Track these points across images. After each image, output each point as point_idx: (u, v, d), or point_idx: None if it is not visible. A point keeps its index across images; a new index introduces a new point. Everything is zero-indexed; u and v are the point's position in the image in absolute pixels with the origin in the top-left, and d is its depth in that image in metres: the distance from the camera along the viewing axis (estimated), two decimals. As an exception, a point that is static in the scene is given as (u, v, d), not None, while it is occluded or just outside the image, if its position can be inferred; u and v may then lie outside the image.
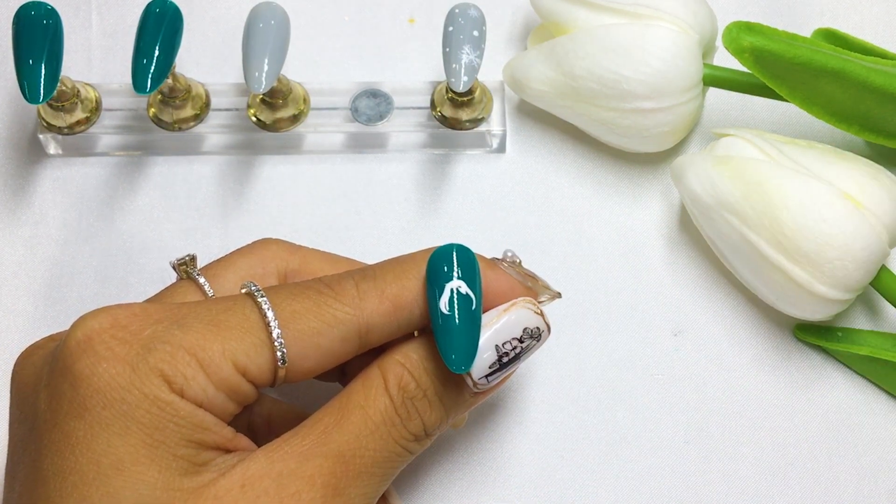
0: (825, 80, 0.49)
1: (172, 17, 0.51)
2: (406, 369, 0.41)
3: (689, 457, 0.50)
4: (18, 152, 0.56)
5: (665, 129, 0.52)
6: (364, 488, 0.39)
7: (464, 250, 0.41)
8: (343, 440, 0.39)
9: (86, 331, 0.38)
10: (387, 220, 0.55)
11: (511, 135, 0.56)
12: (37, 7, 0.50)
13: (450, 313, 0.39)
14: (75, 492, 0.36)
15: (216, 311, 0.39)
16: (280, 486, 0.38)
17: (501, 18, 0.59)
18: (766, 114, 0.56)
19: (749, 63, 0.49)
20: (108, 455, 0.36)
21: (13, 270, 0.54)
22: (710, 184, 0.49)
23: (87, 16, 0.59)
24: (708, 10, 0.52)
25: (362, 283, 0.40)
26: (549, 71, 0.52)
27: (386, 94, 0.55)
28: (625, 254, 0.54)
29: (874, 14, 0.59)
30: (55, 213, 0.55)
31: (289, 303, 0.39)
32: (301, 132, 0.55)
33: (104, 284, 0.53)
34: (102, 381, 0.37)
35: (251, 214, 0.55)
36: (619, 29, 0.51)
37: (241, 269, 0.44)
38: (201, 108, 0.55)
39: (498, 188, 0.55)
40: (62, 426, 0.37)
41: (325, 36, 0.59)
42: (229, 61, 0.58)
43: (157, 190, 0.55)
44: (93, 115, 0.55)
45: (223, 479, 0.37)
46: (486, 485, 0.49)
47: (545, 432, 0.50)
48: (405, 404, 0.40)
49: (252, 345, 0.38)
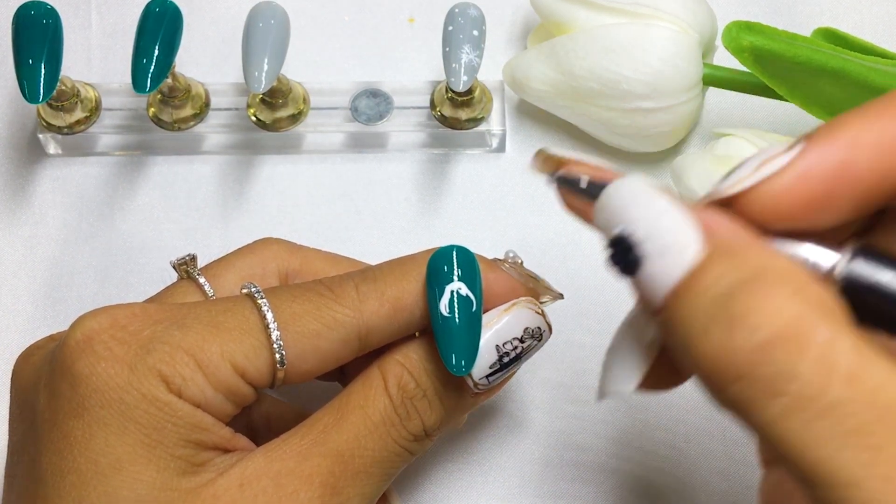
0: (825, 80, 0.49)
1: (172, 16, 0.51)
2: (406, 369, 0.41)
3: (689, 456, 0.50)
4: (18, 152, 0.56)
5: (665, 129, 0.52)
6: (363, 488, 0.39)
7: (464, 251, 0.41)
8: (342, 440, 0.39)
9: (85, 331, 0.38)
10: (387, 220, 0.55)
11: (511, 134, 0.56)
12: (37, 7, 0.50)
13: (450, 315, 0.39)
14: (73, 491, 0.36)
15: (215, 311, 0.39)
16: (278, 485, 0.38)
17: (501, 18, 0.59)
18: (766, 114, 0.56)
19: (749, 63, 0.49)
20: (107, 455, 0.36)
21: (13, 270, 0.54)
22: (710, 184, 0.49)
23: (87, 15, 0.59)
24: (708, 9, 0.52)
25: (362, 285, 0.40)
26: (549, 71, 0.52)
27: (386, 94, 0.55)
28: (625, 254, 0.54)
29: (874, 14, 0.59)
30: (55, 213, 0.55)
31: (288, 304, 0.39)
32: (301, 132, 0.55)
33: (104, 284, 0.53)
34: (101, 381, 0.37)
35: (251, 214, 0.55)
36: (619, 29, 0.51)
37: (241, 269, 0.44)
38: (201, 107, 0.55)
39: (498, 188, 0.55)
40: (61, 426, 0.37)
41: (325, 36, 0.59)
42: (229, 61, 0.58)
43: (157, 190, 0.55)
44: (93, 114, 0.55)
45: (221, 479, 0.37)
46: (486, 485, 0.49)
47: (545, 432, 0.50)
48: (405, 404, 0.40)
49: (251, 346, 0.38)
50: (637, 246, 0.28)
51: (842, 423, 0.25)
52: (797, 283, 0.27)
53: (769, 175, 0.28)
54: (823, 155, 0.28)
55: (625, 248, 0.28)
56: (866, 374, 0.25)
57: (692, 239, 0.28)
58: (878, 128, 0.28)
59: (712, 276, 0.27)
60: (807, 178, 0.28)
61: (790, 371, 0.26)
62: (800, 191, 0.28)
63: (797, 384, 0.25)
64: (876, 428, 0.25)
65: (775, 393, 0.26)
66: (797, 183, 0.28)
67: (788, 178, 0.28)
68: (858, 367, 0.25)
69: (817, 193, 0.28)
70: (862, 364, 0.26)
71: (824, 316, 0.26)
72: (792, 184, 0.28)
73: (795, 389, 0.26)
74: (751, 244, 0.28)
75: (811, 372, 0.25)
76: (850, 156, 0.28)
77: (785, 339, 0.26)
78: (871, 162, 0.28)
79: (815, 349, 0.26)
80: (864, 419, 0.25)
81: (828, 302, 0.27)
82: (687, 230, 0.28)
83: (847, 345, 0.26)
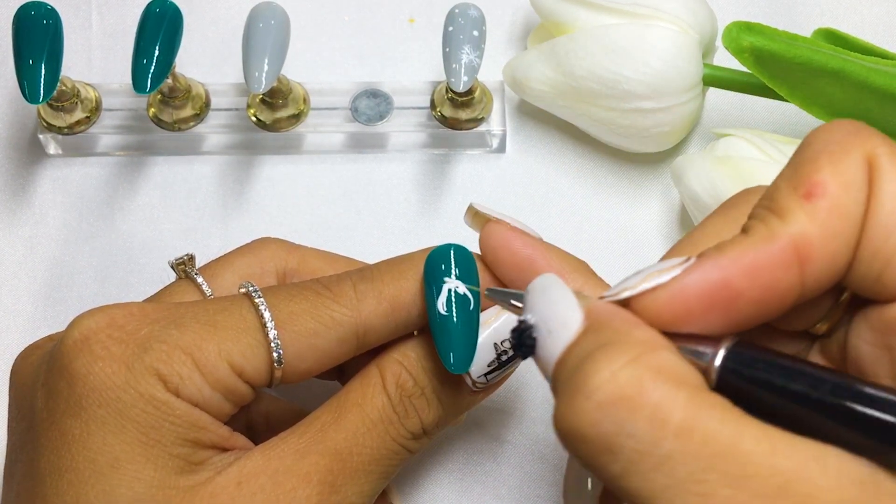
0: (825, 80, 0.49)
1: (172, 17, 0.51)
2: (404, 367, 0.41)
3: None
4: (18, 152, 0.56)
5: (665, 129, 0.52)
6: (361, 486, 0.39)
7: (461, 250, 0.41)
8: (340, 438, 0.39)
9: (83, 330, 0.38)
10: (387, 220, 0.55)
11: (511, 135, 0.56)
12: (37, 7, 0.50)
13: (448, 313, 0.39)
14: (71, 490, 0.36)
15: (213, 311, 0.39)
16: (276, 483, 0.38)
17: (501, 18, 0.59)
18: (766, 114, 0.56)
19: (749, 63, 0.49)
20: (104, 453, 0.36)
21: (13, 270, 0.54)
22: (710, 184, 0.49)
23: (87, 16, 0.59)
24: (708, 10, 0.52)
25: (360, 285, 0.40)
26: (549, 71, 0.52)
27: (386, 94, 0.55)
28: (625, 254, 0.54)
29: (874, 14, 0.59)
30: (55, 213, 0.55)
31: (286, 304, 0.39)
32: (301, 132, 0.55)
33: (104, 284, 0.53)
34: (98, 380, 0.37)
35: (251, 214, 0.55)
36: (619, 29, 0.50)
37: (239, 269, 0.44)
38: (201, 107, 0.55)
39: (498, 188, 0.55)
40: (59, 425, 0.37)
41: (325, 36, 0.59)
42: (229, 61, 0.58)
43: (157, 190, 0.55)
44: (93, 115, 0.55)
45: (219, 477, 0.37)
46: (486, 485, 0.49)
47: (545, 432, 0.50)
48: (403, 402, 0.40)
49: (248, 345, 0.38)
50: (531, 329, 0.31)
51: (674, 473, 0.27)
52: (638, 351, 0.29)
53: (652, 287, 0.31)
54: (702, 275, 0.30)
55: (522, 334, 0.32)
56: (698, 426, 0.28)
57: (574, 319, 0.31)
58: (751, 255, 0.30)
59: (576, 349, 0.30)
60: (683, 295, 0.31)
61: (626, 430, 0.28)
62: (679, 304, 0.31)
63: (632, 441, 0.28)
64: (706, 476, 0.27)
65: (614, 451, 0.28)
66: (674, 298, 0.31)
67: (668, 294, 0.31)
68: (691, 421, 0.28)
69: (694, 308, 0.31)
70: (695, 418, 0.28)
71: (662, 378, 0.28)
72: (671, 298, 0.31)
73: (631, 446, 0.28)
74: (620, 321, 0.30)
75: (643, 430, 0.28)
76: (726, 277, 0.30)
77: (619, 401, 0.28)
78: (745, 282, 0.30)
79: (647, 408, 0.28)
80: (694, 468, 0.27)
81: (673, 367, 0.29)
82: (571, 312, 0.31)
83: (681, 402, 0.28)
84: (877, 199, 0.30)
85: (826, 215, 0.30)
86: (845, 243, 0.30)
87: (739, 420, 0.28)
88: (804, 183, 0.30)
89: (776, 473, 0.27)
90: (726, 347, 0.30)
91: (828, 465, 0.27)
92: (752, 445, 0.27)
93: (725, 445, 0.27)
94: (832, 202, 0.30)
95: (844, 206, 0.30)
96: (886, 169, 0.30)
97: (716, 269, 0.30)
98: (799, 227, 0.30)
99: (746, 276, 0.30)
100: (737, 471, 0.27)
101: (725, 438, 0.28)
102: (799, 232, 0.30)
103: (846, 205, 0.30)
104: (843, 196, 0.30)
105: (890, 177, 0.30)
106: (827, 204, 0.30)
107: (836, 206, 0.30)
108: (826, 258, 0.30)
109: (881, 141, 0.31)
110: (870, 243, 0.30)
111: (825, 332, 0.34)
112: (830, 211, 0.30)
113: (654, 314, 0.31)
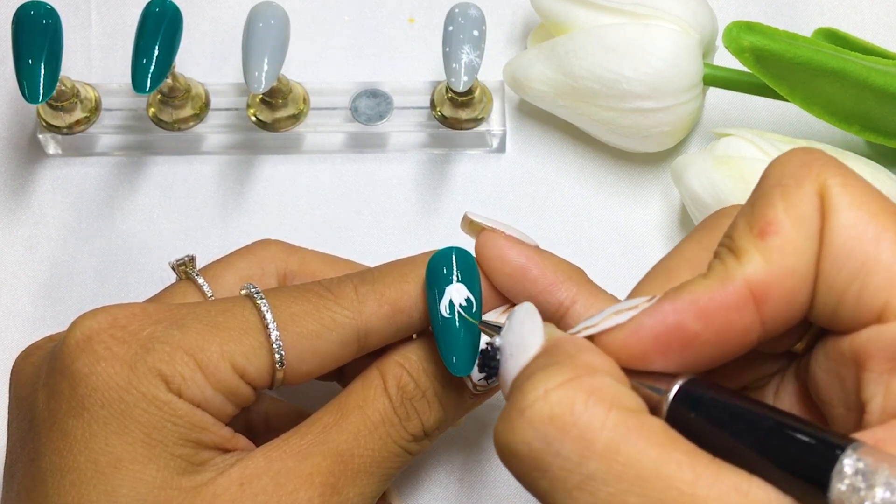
0: (825, 80, 0.49)
1: (172, 16, 0.51)
2: (405, 370, 0.41)
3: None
4: (18, 152, 0.56)
5: (665, 129, 0.52)
6: (362, 488, 0.39)
7: (463, 253, 0.41)
8: (342, 439, 0.39)
9: (84, 330, 0.38)
10: (387, 219, 0.55)
11: (511, 135, 0.56)
12: (36, 7, 0.50)
13: (450, 316, 0.39)
14: (73, 490, 0.36)
15: (215, 312, 0.39)
16: (278, 484, 0.38)
17: (501, 18, 0.59)
18: (766, 114, 0.56)
19: (749, 63, 0.49)
20: (106, 454, 0.36)
21: (13, 270, 0.54)
22: (710, 184, 0.49)
23: (87, 16, 0.59)
24: (708, 9, 0.52)
25: (361, 287, 0.40)
26: (549, 71, 0.52)
27: (386, 94, 0.55)
28: (625, 254, 0.54)
29: (874, 14, 0.59)
30: (55, 213, 0.55)
31: (288, 305, 0.39)
32: (301, 132, 0.55)
33: (104, 284, 0.53)
34: (101, 381, 0.37)
35: (251, 214, 0.55)
36: (619, 29, 0.50)
37: (240, 270, 0.44)
38: (201, 107, 0.55)
39: (498, 188, 0.55)
40: (60, 425, 0.37)
41: (325, 36, 0.59)
42: (229, 61, 0.58)
43: (157, 190, 0.55)
44: (92, 114, 0.55)
45: (221, 478, 0.37)
46: (486, 485, 0.49)
47: (545, 432, 0.50)
48: (404, 405, 0.40)
49: (250, 347, 0.38)
50: (496, 352, 0.33)
51: (597, 493, 0.28)
52: (577, 373, 0.29)
53: (612, 326, 0.31)
54: (658, 317, 0.31)
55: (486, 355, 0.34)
56: (624, 449, 0.28)
57: (534, 344, 0.32)
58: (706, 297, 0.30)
59: (527, 369, 0.31)
60: (638, 336, 0.31)
61: (553, 448, 0.29)
62: (634, 344, 0.31)
63: (559, 459, 0.28)
64: (627, 498, 0.28)
65: (542, 468, 0.29)
66: (629, 338, 0.31)
67: (624, 334, 0.31)
68: (617, 443, 0.28)
69: (649, 348, 0.31)
70: (623, 440, 0.28)
71: (594, 400, 0.29)
72: (626, 338, 0.31)
73: (558, 464, 0.28)
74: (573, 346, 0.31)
75: (570, 449, 0.28)
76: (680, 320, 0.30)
77: (549, 419, 0.29)
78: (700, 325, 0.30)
79: (575, 428, 0.28)
80: (616, 490, 0.28)
81: (608, 390, 0.29)
82: (533, 338, 0.32)
83: (610, 424, 0.28)
84: (829, 231, 0.30)
85: (779, 254, 0.30)
86: (801, 280, 0.30)
87: (667, 445, 0.28)
88: (758, 220, 0.30)
89: (695, 500, 0.27)
90: (679, 384, 0.31)
91: (749, 496, 0.27)
92: (675, 471, 0.28)
93: (648, 469, 0.28)
94: (784, 239, 0.30)
95: (796, 242, 0.30)
96: (837, 200, 0.30)
97: (671, 311, 0.31)
98: (752, 268, 0.30)
99: (700, 319, 0.30)
100: (657, 495, 0.28)
101: (649, 462, 0.28)
102: (753, 272, 0.30)
103: (798, 241, 0.30)
104: (794, 232, 0.30)
105: (840, 209, 0.30)
106: (780, 242, 0.30)
107: (788, 243, 0.30)
108: (783, 296, 0.30)
109: (835, 171, 0.30)
110: (825, 277, 0.30)
111: (804, 351, 0.34)
112: (783, 249, 0.30)
113: (613, 352, 0.31)
